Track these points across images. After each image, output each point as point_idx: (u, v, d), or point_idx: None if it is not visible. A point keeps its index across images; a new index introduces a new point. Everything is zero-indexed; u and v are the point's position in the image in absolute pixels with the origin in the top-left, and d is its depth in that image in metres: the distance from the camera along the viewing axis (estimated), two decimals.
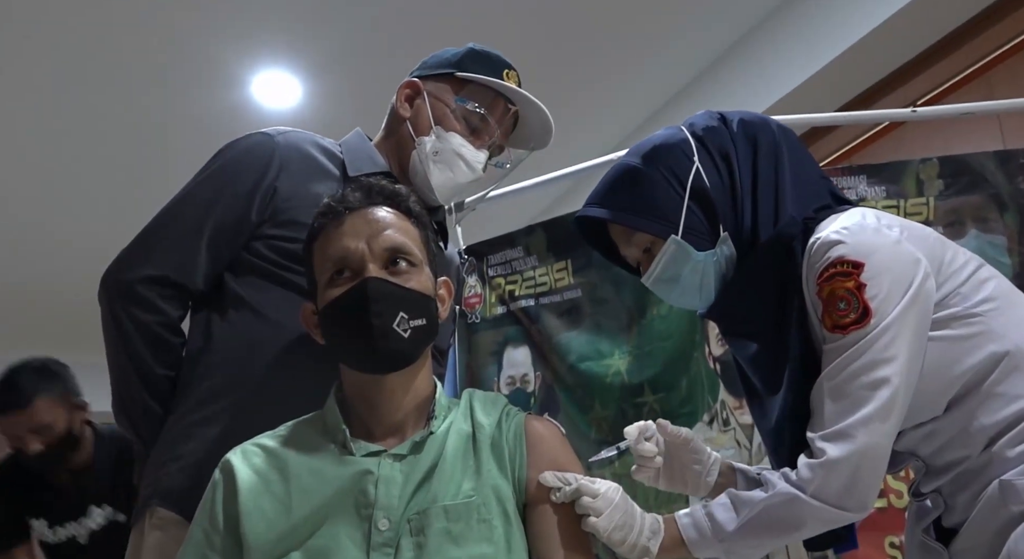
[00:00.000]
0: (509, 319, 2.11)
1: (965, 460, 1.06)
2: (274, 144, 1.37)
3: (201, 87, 3.21)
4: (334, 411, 1.14)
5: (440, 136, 1.41)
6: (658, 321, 1.91)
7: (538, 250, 2.10)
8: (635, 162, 1.22)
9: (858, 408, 1.03)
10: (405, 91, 1.47)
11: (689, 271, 1.19)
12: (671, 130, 1.24)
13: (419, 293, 1.12)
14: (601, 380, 1.94)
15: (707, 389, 1.82)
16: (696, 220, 1.19)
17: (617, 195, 1.22)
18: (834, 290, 1.07)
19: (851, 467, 1.03)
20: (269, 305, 1.30)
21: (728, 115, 1.24)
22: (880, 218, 1.12)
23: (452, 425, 1.14)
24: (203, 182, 1.36)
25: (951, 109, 1.90)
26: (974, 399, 1.06)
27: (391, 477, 1.06)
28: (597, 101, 3.42)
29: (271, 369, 1.27)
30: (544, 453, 1.13)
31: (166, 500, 1.23)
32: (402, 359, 1.11)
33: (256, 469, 1.09)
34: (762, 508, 1.07)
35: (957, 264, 1.11)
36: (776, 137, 1.22)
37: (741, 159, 1.20)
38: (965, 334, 1.07)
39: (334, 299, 1.10)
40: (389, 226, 1.14)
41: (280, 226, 1.33)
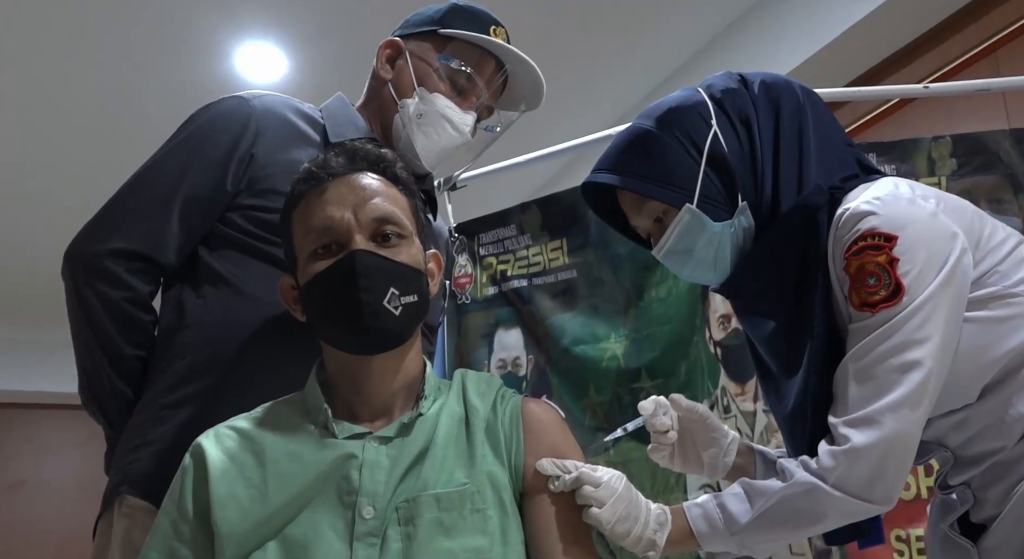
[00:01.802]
0: (501, 300, 2.04)
1: (999, 451, 0.99)
2: (250, 108, 1.28)
3: (181, 58, 3.09)
4: (315, 391, 1.06)
5: (424, 97, 1.34)
6: (657, 304, 1.84)
7: (532, 228, 2.02)
8: (648, 125, 1.14)
9: (886, 392, 0.95)
10: (386, 51, 1.39)
11: (704, 243, 1.11)
12: (687, 91, 1.16)
13: (410, 267, 1.04)
14: (596, 365, 1.87)
15: (707, 375, 1.75)
16: (713, 188, 1.11)
17: (628, 160, 1.14)
18: (863, 265, 0.99)
19: (877, 456, 0.95)
20: (247, 280, 1.22)
21: (749, 76, 1.16)
22: (915, 189, 1.05)
23: (444, 407, 1.06)
24: (174, 149, 1.28)
25: (964, 85, 1.83)
26: (1011, 386, 0.99)
27: (376, 461, 0.98)
28: (597, 73, 3.32)
29: (249, 348, 1.19)
30: (542, 439, 1.05)
31: (135, 487, 1.16)
32: (393, 339, 1.03)
33: (229, 453, 1.01)
34: (779, 499, 0.99)
35: (996, 240, 1.03)
36: (800, 100, 1.14)
37: (762, 123, 1.12)
38: (1003, 315, 0.99)
39: (318, 274, 1.02)
40: (376, 194, 1.05)
41: (257, 195, 1.24)
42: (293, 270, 1.08)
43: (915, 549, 1.55)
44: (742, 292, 1.17)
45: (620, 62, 3.28)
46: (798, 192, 1.09)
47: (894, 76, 2.71)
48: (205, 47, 3.07)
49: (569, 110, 3.40)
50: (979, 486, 1.02)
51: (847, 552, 1.57)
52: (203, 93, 1.36)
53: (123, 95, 3.26)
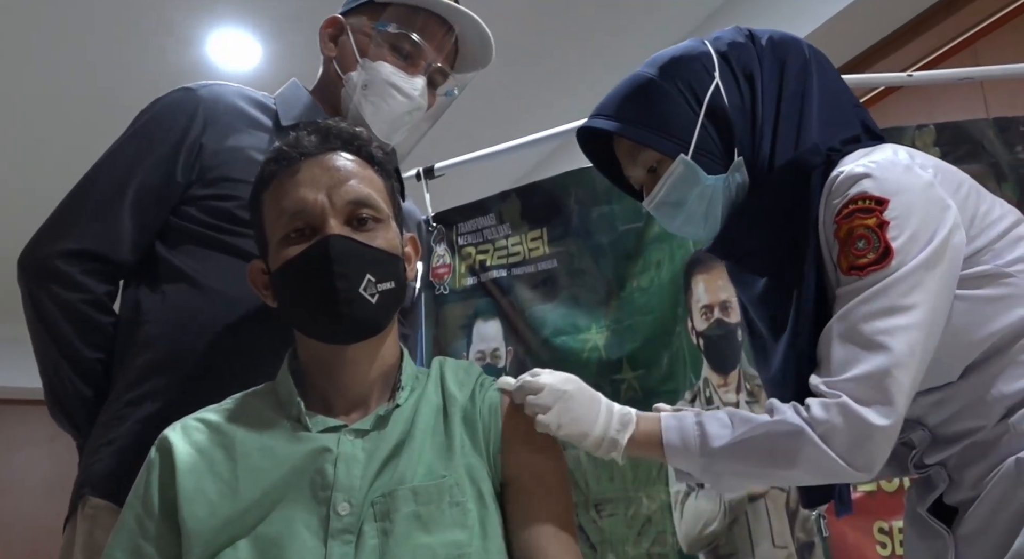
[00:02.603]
0: (479, 291, 1.99)
1: (978, 431, 0.97)
2: (197, 98, 1.26)
3: (152, 46, 3.03)
4: (287, 382, 1.01)
5: (367, 68, 1.31)
6: (639, 294, 1.81)
7: (512, 218, 1.98)
8: (650, 73, 1.11)
9: (871, 356, 0.93)
10: (327, 30, 1.36)
11: (696, 196, 1.09)
12: (693, 42, 1.14)
13: (387, 252, 1.00)
14: (577, 356, 1.84)
15: (690, 366, 1.73)
16: (710, 141, 1.08)
17: (627, 107, 1.12)
18: (853, 228, 0.96)
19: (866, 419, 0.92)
20: (204, 272, 1.19)
21: (757, 32, 1.14)
22: (914, 156, 1.02)
23: (421, 397, 1.02)
24: (121, 146, 1.26)
25: (947, 74, 1.81)
26: (995, 365, 0.97)
27: (352, 455, 0.94)
28: (578, 61, 3.29)
29: (209, 341, 1.15)
30: (521, 428, 1.02)
31: (97, 488, 1.12)
32: (369, 327, 0.99)
33: (198, 446, 0.97)
34: (762, 432, 0.96)
35: (992, 217, 1.01)
36: (807, 59, 1.12)
37: (766, 80, 1.10)
38: (995, 295, 0.97)
39: (291, 259, 0.98)
40: (352, 176, 1.01)
41: (210, 185, 1.22)
42: (264, 254, 1.04)
43: (897, 541, 1.53)
44: (733, 250, 1.14)
45: (601, 50, 3.24)
46: (795, 151, 1.06)
47: (874, 67, 2.71)
48: (176, 34, 3.01)
49: (549, 98, 3.37)
50: (955, 466, 1.00)
51: (829, 545, 1.55)
52: (175, 82, 1.32)
53: (91, 84, 3.18)
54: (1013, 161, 1.70)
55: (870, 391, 0.92)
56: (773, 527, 1.58)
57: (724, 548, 1.61)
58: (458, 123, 2.97)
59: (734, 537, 1.60)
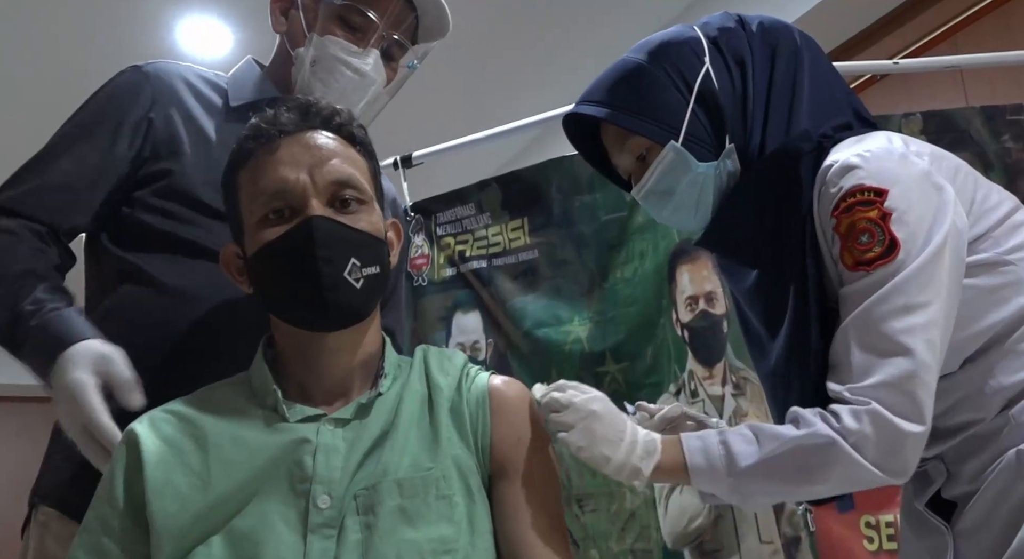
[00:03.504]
0: (459, 282, 1.95)
1: (977, 423, 0.95)
2: (144, 74, 1.21)
3: (119, 34, 2.94)
4: (263, 371, 0.96)
5: (315, 43, 1.23)
6: (622, 285, 1.78)
7: (492, 207, 1.94)
8: (639, 58, 1.07)
9: (894, 361, 0.89)
10: (277, 3, 1.30)
11: (686, 184, 1.06)
12: (682, 27, 1.10)
13: (371, 235, 0.95)
14: (559, 348, 1.80)
15: (674, 358, 1.70)
16: (700, 128, 1.05)
17: (614, 93, 1.07)
18: (854, 222, 0.93)
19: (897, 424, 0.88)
20: (160, 269, 1.13)
21: (747, 18, 1.11)
22: (908, 144, 0.99)
23: (405, 386, 0.97)
24: (66, 126, 1.20)
25: (933, 62, 1.80)
26: (994, 355, 0.94)
27: (332, 445, 0.90)
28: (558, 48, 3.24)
29: (166, 343, 1.09)
30: (510, 419, 0.98)
31: (47, 496, 1.08)
32: (353, 314, 0.94)
33: (167, 438, 0.91)
34: (793, 446, 0.91)
35: (990, 203, 0.98)
36: (798, 45, 1.08)
37: (757, 66, 1.06)
38: (994, 284, 0.94)
39: (270, 242, 0.92)
40: (334, 155, 0.96)
41: (164, 159, 1.16)
42: (238, 237, 0.99)
43: (884, 535, 1.51)
44: (722, 240, 1.11)
45: (582, 37, 3.21)
46: (786, 137, 1.03)
47: (857, 57, 2.70)
48: (146, 22, 2.93)
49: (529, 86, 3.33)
50: (953, 459, 0.98)
51: (816, 540, 1.53)
52: None
53: (58, 72, 3.08)
54: (1000, 150, 1.69)
55: (898, 397, 0.88)
56: (759, 522, 1.55)
57: (709, 544, 1.58)
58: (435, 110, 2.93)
59: (720, 532, 1.57)
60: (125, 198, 1.16)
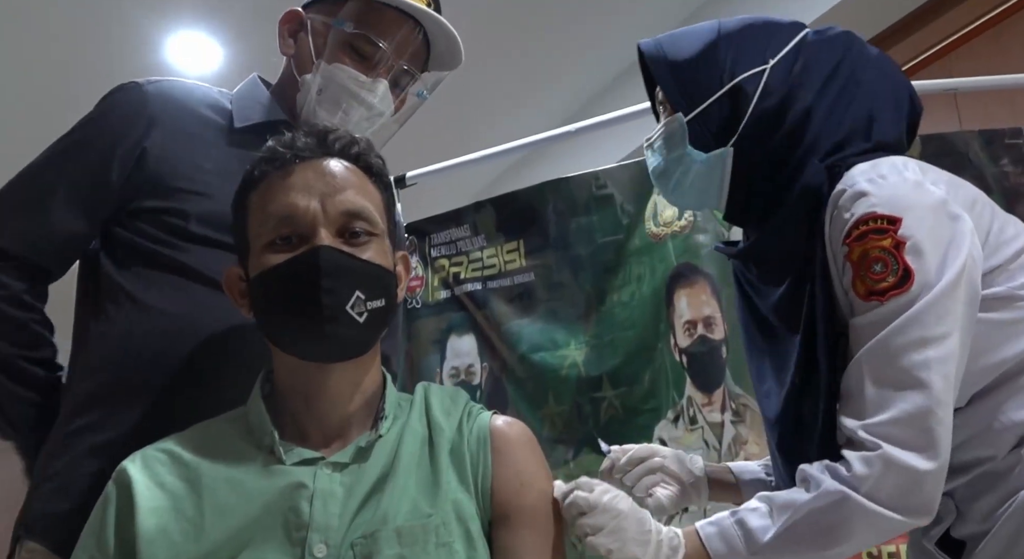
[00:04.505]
0: (453, 304, 1.93)
1: (988, 460, 0.93)
2: (143, 95, 1.15)
3: (108, 49, 2.91)
4: (259, 409, 0.93)
5: (323, 71, 1.19)
6: (619, 308, 1.76)
7: (487, 229, 1.92)
8: (721, 28, 1.09)
9: (909, 395, 0.87)
10: (286, 26, 1.25)
11: (675, 157, 1.09)
12: (787, 24, 1.09)
13: (380, 268, 0.93)
14: (555, 372, 1.78)
15: (672, 384, 1.67)
16: (716, 117, 1.05)
17: (674, 42, 1.10)
18: (867, 251, 0.90)
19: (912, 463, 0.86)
20: (155, 294, 1.09)
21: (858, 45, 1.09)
22: (925, 172, 0.97)
23: (405, 427, 0.95)
24: (59, 143, 1.16)
25: (930, 85, 1.79)
26: (1004, 392, 0.92)
27: (330, 491, 0.87)
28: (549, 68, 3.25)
29: (159, 371, 1.06)
30: (510, 462, 0.95)
31: (32, 529, 1.03)
32: (353, 347, 0.92)
33: (159, 481, 0.89)
34: (806, 512, 0.89)
35: (1007, 236, 0.96)
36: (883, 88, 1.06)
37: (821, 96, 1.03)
38: (1008, 319, 0.92)
39: (275, 267, 0.90)
40: (348, 185, 0.94)
41: (158, 196, 1.12)
42: (243, 260, 0.96)
43: None
44: (759, 259, 1.09)
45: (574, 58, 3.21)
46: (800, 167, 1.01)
47: None
48: (135, 37, 2.90)
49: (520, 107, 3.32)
50: (963, 497, 0.95)
51: None
52: None
53: (46, 86, 3.05)
54: (998, 173, 1.68)
55: (913, 433, 0.86)
56: None
57: None
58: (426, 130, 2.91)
59: None
60: (119, 220, 1.13)
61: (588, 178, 1.84)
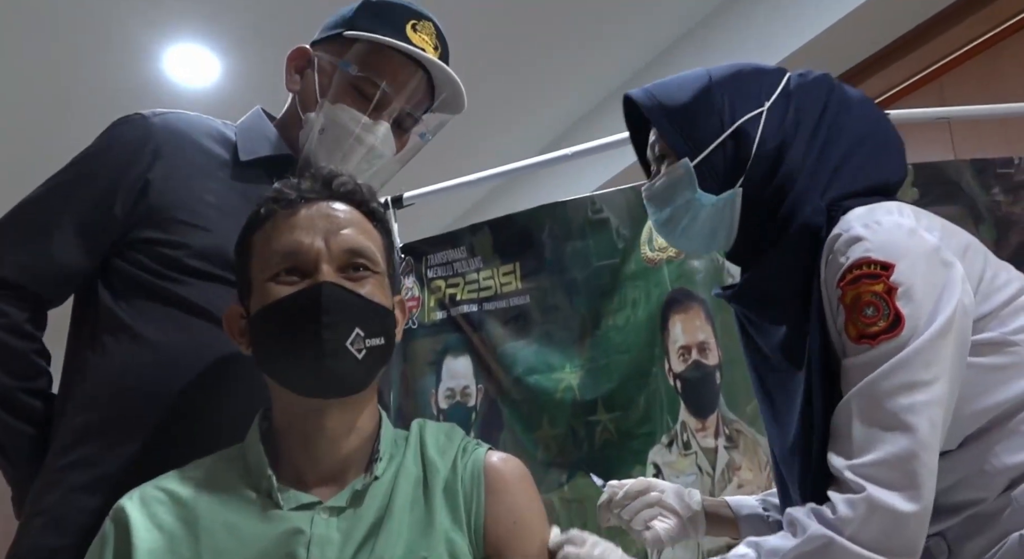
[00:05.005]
0: (449, 326, 1.93)
1: (979, 503, 0.94)
2: (148, 127, 1.17)
3: (107, 59, 2.91)
4: (258, 450, 0.94)
5: (326, 111, 1.20)
6: (614, 332, 1.77)
7: (483, 251, 1.93)
8: (713, 73, 1.11)
9: (896, 437, 0.88)
10: (293, 62, 1.26)
11: (683, 203, 1.09)
12: (773, 69, 1.12)
13: (380, 306, 0.94)
14: (550, 395, 1.79)
15: (667, 408, 1.69)
16: (721, 160, 1.07)
17: (670, 93, 1.11)
18: (860, 294, 0.92)
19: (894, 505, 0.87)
20: (152, 327, 1.10)
21: (839, 88, 1.11)
22: (919, 218, 0.99)
23: (400, 468, 0.95)
24: (63, 173, 1.17)
25: (923, 114, 1.80)
26: (996, 435, 0.93)
27: (327, 537, 0.88)
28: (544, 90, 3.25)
29: (155, 406, 1.06)
30: (504, 499, 0.96)
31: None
32: (352, 383, 0.93)
33: (157, 521, 0.89)
34: (793, 556, 0.90)
35: (999, 282, 0.98)
36: (869, 134, 1.08)
37: (812, 140, 1.06)
38: (999, 364, 0.94)
39: (277, 301, 0.91)
40: (351, 225, 0.96)
41: (159, 227, 1.12)
42: (244, 299, 0.98)
43: None
44: (754, 299, 1.11)
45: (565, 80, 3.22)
46: (793, 211, 1.03)
47: None
48: (132, 49, 2.90)
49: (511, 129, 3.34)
50: (955, 538, 0.96)
51: None
52: (131, 98, 1.25)
53: (47, 98, 3.05)
54: (990, 203, 1.70)
55: (897, 476, 0.88)
56: None
57: None
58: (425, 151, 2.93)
59: None
60: (117, 250, 1.13)
61: (584, 202, 1.85)
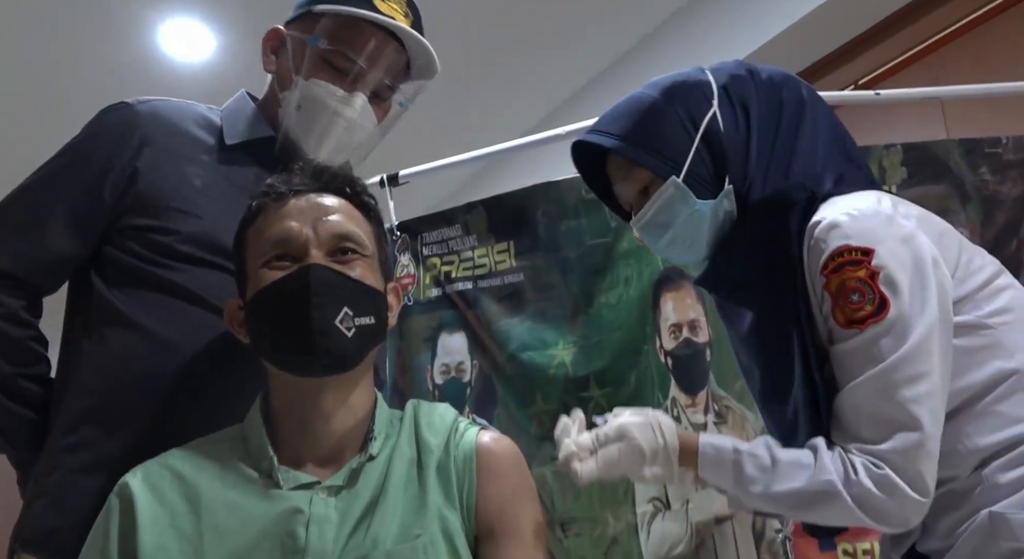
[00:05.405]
0: (445, 303, 1.95)
1: (951, 481, 0.98)
2: (135, 116, 1.19)
3: (100, 32, 2.90)
4: (259, 429, 0.98)
5: (300, 87, 1.21)
6: (607, 310, 1.79)
7: (478, 229, 1.94)
8: (651, 94, 1.12)
9: (904, 430, 0.93)
10: (268, 43, 1.28)
11: (684, 219, 1.11)
12: (695, 70, 1.15)
13: (368, 286, 0.98)
14: (544, 372, 1.81)
15: (657, 385, 1.72)
16: (702, 167, 1.09)
17: (624, 125, 1.12)
18: (844, 281, 0.97)
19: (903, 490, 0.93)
20: (146, 314, 1.12)
21: (756, 68, 1.15)
22: (897, 206, 1.02)
23: (395, 448, 0.99)
24: (51, 163, 1.19)
25: (914, 93, 1.82)
26: (967, 416, 0.97)
27: (325, 516, 0.91)
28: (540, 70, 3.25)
29: (151, 392, 1.09)
30: (496, 479, 1.00)
31: (28, 545, 1.06)
32: (342, 361, 0.96)
33: (160, 496, 0.93)
34: (799, 489, 0.96)
35: (974, 267, 1.02)
36: (804, 98, 1.13)
37: (763, 114, 1.10)
38: (972, 346, 0.98)
39: (268, 285, 0.95)
40: (339, 212, 1.00)
41: (148, 214, 1.15)
42: (243, 291, 1.01)
43: None
44: (720, 282, 1.15)
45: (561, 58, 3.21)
46: (783, 184, 1.07)
47: (832, 75, 2.70)
48: (127, 23, 2.89)
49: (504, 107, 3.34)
50: (929, 514, 0.99)
51: None
52: (126, 73, 1.25)
53: (39, 73, 3.04)
54: (977, 182, 1.72)
55: (906, 464, 0.92)
56: (740, 550, 1.59)
57: None
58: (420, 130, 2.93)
59: None
60: (108, 238, 1.16)
61: (578, 182, 1.84)
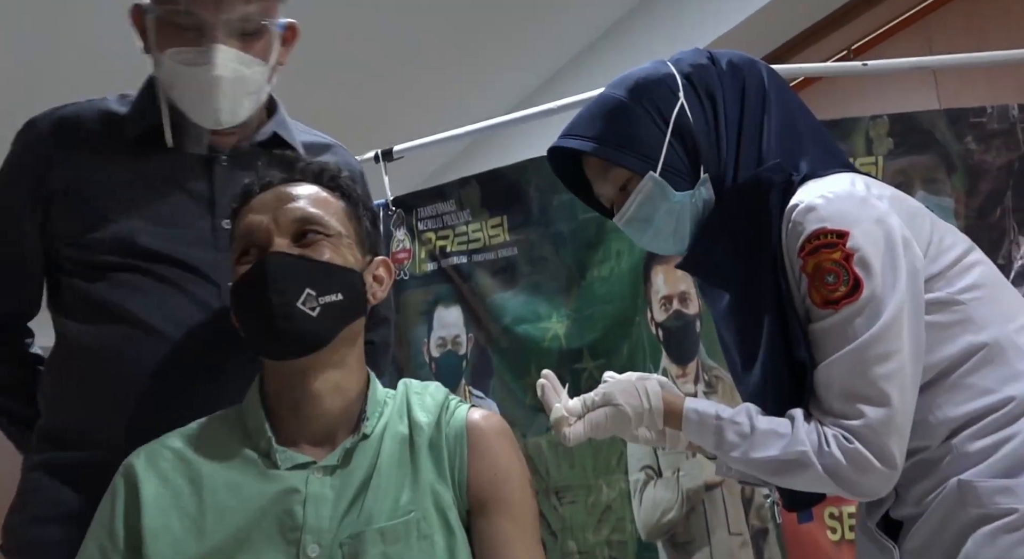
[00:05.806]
0: (440, 276, 1.99)
1: (922, 450, 1.02)
2: (35, 135, 1.18)
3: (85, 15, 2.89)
4: (257, 411, 1.01)
5: (158, 62, 1.14)
6: (599, 283, 1.82)
7: (472, 204, 1.97)
8: (618, 94, 1.14)
9: (875, 405, 0.97)
10: (133, 23, 1.17)
11: (664, 212, 1.13)
12: (656, 64, 1.17)
13: (330, 264, 1.00)
14: (538, 344, 1.85)
15: (649, 356, 1.75)
16: (677, 159, 1.12)
17: (597, 127, 1.15)
18: (820, 263, 1.00)
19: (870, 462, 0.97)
20: (90, 334, 1.14)
21: (717, 54, 1.17)
22: (870, 187, 1.05)
23: (388, 426, 1.02)
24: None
25: (903, 63, 1.83)
26: (939, 388, 1.01)
27: (321, 495, 0.95)
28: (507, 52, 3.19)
29: (123, 372, 1.12)
30: (487, 454, 1.03)
31: (12, 553, 1.11)
32: (311, 340, 0.98)
33: (164, 477, 0.97)
34: (773, 457, 1.01)
35: (946, 244, 1.05)
36: (765, 81, 1.15)
37: (728, 100, 1.13)
38: (944, 322, 1.01)
39: (237, 280, 1.00)
40: (301, 198, 1.02)
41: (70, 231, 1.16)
42: None
43: (847, 526, 1.59)
44: (700, 265, 1.18)
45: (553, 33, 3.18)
46: (757, 168, 1.10)
47: (823, 42, 2.69)
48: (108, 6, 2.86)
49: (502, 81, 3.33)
50: (901, 482, 1.04)
51: (783, 531, 1.61)
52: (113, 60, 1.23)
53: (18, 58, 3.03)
54: (963, 151, 1.73)
55: (875, 438, 0.96)
56: (729, 515, 1.64)
57: (682, 535, 1.66)
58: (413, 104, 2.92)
59: (691, 525, 1.65)
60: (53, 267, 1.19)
61: None
